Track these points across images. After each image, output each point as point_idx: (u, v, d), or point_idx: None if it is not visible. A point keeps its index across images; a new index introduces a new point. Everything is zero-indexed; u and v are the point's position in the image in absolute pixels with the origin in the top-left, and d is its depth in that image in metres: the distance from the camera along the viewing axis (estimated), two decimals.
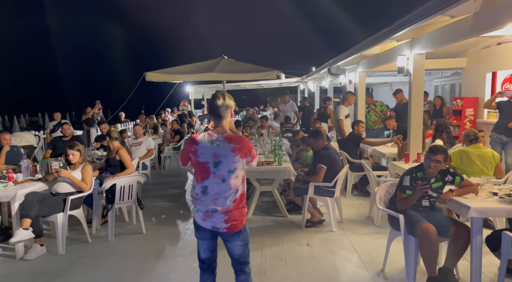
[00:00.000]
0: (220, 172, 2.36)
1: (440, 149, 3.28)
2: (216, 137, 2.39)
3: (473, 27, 3.88)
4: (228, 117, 2.45)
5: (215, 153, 2.36)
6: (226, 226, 2.38)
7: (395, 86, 14.16)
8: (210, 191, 2.37)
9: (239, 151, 2.37)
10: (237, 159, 2.36)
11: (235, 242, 2.45)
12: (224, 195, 2.37)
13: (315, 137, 4.82)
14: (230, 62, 9.16)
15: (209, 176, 2.37)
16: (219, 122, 2.44)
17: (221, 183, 2.36)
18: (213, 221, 2.39)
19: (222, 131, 2.42)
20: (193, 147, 2.40)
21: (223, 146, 2.36)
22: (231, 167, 2.36)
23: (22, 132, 8.78)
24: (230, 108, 2.44)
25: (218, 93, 2.43)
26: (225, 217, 2.37)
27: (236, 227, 2.41)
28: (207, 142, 2.38)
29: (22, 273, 3.66)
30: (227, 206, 2.37)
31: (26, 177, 4.50)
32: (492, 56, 7.73)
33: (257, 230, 4.69)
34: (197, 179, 2.43)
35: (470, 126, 7.95)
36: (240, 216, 2.42)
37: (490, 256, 3.18)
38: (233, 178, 2.38)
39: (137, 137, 7.02)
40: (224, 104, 2.39)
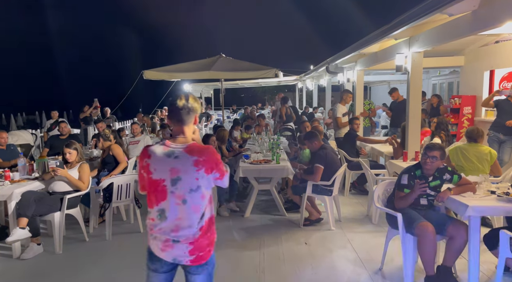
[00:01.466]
0: (179, 191, 1.90)
1: (437, 146, 3.29)
2: (174, 148, 1.92)
3: (471, 25, 3.87)
4: (191, 123, 2.00)
5: (172, 167, 1.89)
6: (191, 258, 1.94)
7: (393, 85, 14.18)
8: (169, 216, 1.92)
9: (204, 164, 1.90)
10: (200, 175, 1.90)
11: (198, 275, 2.00)
12: (188, 221, 1.92)
13: (310, 139, 4.80)
14: (228, 61, 9.14)
15: (166, 197, 1.91)
16: (180, 129, 1.98)
17: (182, 204, 1.91)
18: (174, 252, 1.93)
19: (182, 140, 1.95)
20: (144, 161, 1.94)
21: (182, 158, 1.90)
22: (193, 185, 1.90)
23: (19, 131, 8.75)
24: (194, 113, 1.99)
25: (181, 93, 2.01)
26: (190, 248, 1.93)
27: (203, 258, 1.97)
28: (161, 154, 1.92)
29: (19, 273, 3.64)
30: (192, 234, 1.92)
31: (23, 176, 4.48)
32: (490, 55, 7.73)
33: (255, 229, 4.68)
34: (151, 201, 1.96)
35: (468, 125, 7.96)
36: (207, 245, 1.98)
37: (488, 254, 3.18)
38: (197, 199, 1.93)
39: (135, 136, 7.00)
40: (187, 107, 1.94)
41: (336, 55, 8.73)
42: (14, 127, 21.54)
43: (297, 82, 18.04)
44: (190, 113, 1.98)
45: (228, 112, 18.92)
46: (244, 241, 4.33)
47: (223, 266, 3.70)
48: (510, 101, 6.11)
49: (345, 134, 6.72)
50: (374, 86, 20.76)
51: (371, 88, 21.53)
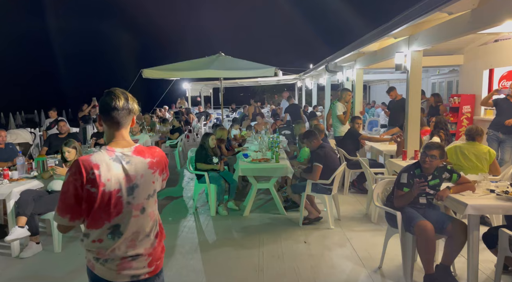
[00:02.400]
0: (136, 199, 1.70)
1: (436, 145, 3.29)
2: (122, 153, 1.69)
3: (471, 24, 3.87)
4: (129, 127, 1.77)
5: (127, 174, 1.67)
6: (150, 270, 1.77)
7: (392, 84, 14.18)
8: (125, 231, 1.68)
9: (157, 165, 1.77)
10: (156, 178, 1.77)
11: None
12: (145, 231, 1.74)
13: (309, 138, 4.81)
14: (228, 59, 9.12)
15: (122, 209, 1.67)
16: (117, 132, 1.73)
17: (140, 214, 1.71)
18: (133, 270, 1.72)
19: (125, 144, 1.73)
20: (90, 173, 1.59)
21: (136, 162, 1.70)
22: (150, 190, 1.74)
23: (18, 130, 8.72)
24: (133, 114, 1.76)
25: (116, 90, 1.73)
26: (149, 259, 1.76)
27: (159, 266, 1.83)
28: (110, 162, 1.65)
29: (18, 271, 3.63)
30: (151, 244, 1.76)
31: (22, 175, 4.47)
32: (489, 54, 7.73)
33: (255, 228, 4.68)
34: (97, 219, 1.65)
35: (467, 124, 7.97)
36: (162, 252, 1.85)
37: (487, 253, 3.19)
38: (152, 205, 1.78)
39: (134, 135, 6.99)
40: (126, 107, 1.71)
41: (336, 54, 8.73)
42: (12, 126, 21.48)
43: (296, 81, 18.03)
44: (130, 115, 1.74)
45: (227, 111, 18.91)
46: (243, 239, 4.33)
47: (222, 265, 3.70)
48: (509, 100, 6.12)
49: (346, 133, 6.72)
50: (373, 85, 20.78)
51: (370, 87, 21.55)
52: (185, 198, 6.12)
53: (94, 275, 1.76)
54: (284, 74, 12.39)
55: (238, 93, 33.08)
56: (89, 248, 1.71)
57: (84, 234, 1.71)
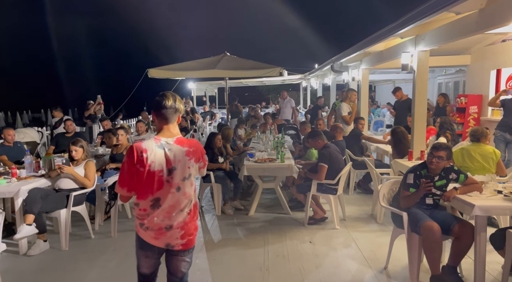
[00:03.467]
0: (175, 179, 2.10)
1: (443, 146, 3.27)
2: (166, 141, 2.11)
3: (478, 23, 3.84)
4: (175, 122, 2.18)
5: (167, 158, 2.08)
6: (183, 242, 2.16)
7: (398, 84, 14.11)
8: (163, 203, 2.10)
9: (194, 154, 2.14)
10: (191, 164, 2.14)
11: (184, 258, 2.23)
12: (180, 206, 2.12)
13: (314, 138, 4.82)
14: (233, 59, 9.13)
15: (163, 186, 2.08)
16: (165, 126, 2.15)
17: (176, 192, 2.11)
18: (168, 238, 2.14)
19: (169, 135, 2.14)
20: (140, 155, 2.04)
21: (175, 150, 2.10)
22: (185, 173, 2.12)
23: (25, 129, 8.80)
24: (179, 113, 2.17)
25: (167, 93, 2.16)
26: (181, 232, 2.14)
27: (191, 242, 2.21)
28: (156, 148, 2.08)
29: (26, 269, 3.67)
30: (183, 219, 2.14)
31: (29, 173, 4.51)
32: (497, 54, 7.67)
33: (260, 227, 4.69)
34: (144, 192, 2.10)
35: (474, 124, 7.91)
36: (195, 230, 2.22)
37: (494, 254, 3.17)
38: (188, 186, 2.14)
39: (140, 134, 7.02)
40: (174, 106, 2.13)
41: (341, 54, 8.70)
42: (20, 125, 21.70)
43: (301, 81, 18.00)
44: (176, 113, 2.16)
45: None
46: (249, 239, 4.33)
47: (227, 264, 3.71)
48: None
49: (350, 133, 6.71)
50: (379, 85, 20.68)
51: (376, 87, 21.45)
52: None
53: (140, 238, 2.20)
54: (289, 74, 12.37)
55: (243, 93, 33.12)
56: (137, 215, 2.16)
57: (135, 204, 2.16)
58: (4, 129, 5.63)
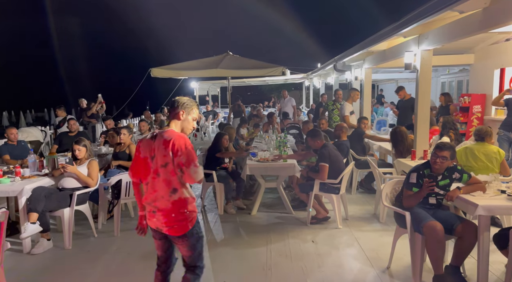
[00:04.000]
0: (155, 165, 2.36)
1: (447, 145, 3.26)
2: (157, 133, 2.42)
3: (482, 22, 3.83)
4: (180, 120, 2.45)
5: (151, 147, 2.39)
6: (168, 228, 2.35)
7: (401, 83, 14.07)
8: (150, 187, 2.39)
9: (168, 144, 2.30)
10: (167, 153, 2.30)
11: (179, 244, 2.41)
12: (161, 192, 2.34)
13: (314, 138, 4.82)
14: (235, 58, 9.14)
15: (150, 171, 2.39)
16: (171, 122, 2.47)
17: (157, 177, 2.35)
18: (155, 221, 2.39)
19: (166, 128, 2.43)
20: (138, 145, 2.48)
21: (158, 139, 2.37)
22: (162, 161, 2.32)
23: (29, 128, 8.86)
24: (188, 114, 2.45)
25: (184, 97, 2.52)
26: (165, 219, 2.34)
27: (179, 230, 2.34)
28: (148, 138, 2.44)
29: (29, 267, 3.69)
30: (165, 206, 2.33)
31: (33, 172, 4.53)
32: (501, 53, 7.63)
33: (262, 227, 4.69)
34: (142, 176, 2.45)
35: (478, 123, 7.88)
36: (182, 220, 2.34)
37: (498, 254, 3.15)
38: (167, 174, 2.32)
39: (143, 133, 7.04)
40: (183, 104, 2.43)
41: (344, 53, 8.68)
42: (23, 124, 21.80)
43: (304, 80, 17.98)
44: (175, 110, 2.44)
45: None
46: (251, 238, 4.34)
47: (230, 263, 3.72)
48: None
49: (352, 132, 6.69)
50: (382, 84, 20.63)
51: (378, 87, 21.40)
52: None
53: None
54: (291, 73, 12.38)
55: (246, 92, 33.11)
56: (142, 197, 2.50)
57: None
58: (7, 129, 5.66)
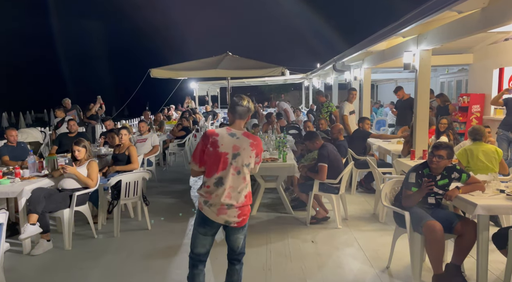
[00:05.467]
0: (237, 163, 2.50)
1: (443, 145, 3.27)
2: (235, 132, 2.55)
3: (481, 22, 3.84)
4: (245, 120, 2.62)
5: (235, 145, 2.50)
6: (238, 220, 2.54)
7: (400, 83, 14.08)
8: (225, 182, 2.48)
9: (256, 147, 2.56)
10: (253, 154, 2.54)
11: (239, 234, 2.62)
12: (238, 188, 2.51)
13: (311, 140, 4.86)
14: (235, 59, 9.14)
15: (227, 167, 2.48)
16: (237, 121, 2.59)
17: (237, 174, 2.50)
18: (227, 215, 2.52)
19: (239, 128, 2.59)
20: (213, 138, 2.51)
21: (242, 140, 2.53)
22: (247, 161, 2.52)
23: (28, 129, 8.85)
24: (250, 113, 2.62)
25: (244, 96, 2.63)
26: (239, 212, 2.53)
27: (245, 221, 2.61)
28: (226, 134, 2.53)
29: (29, 268, 3.69)
30: (241, 201, 2.53)
31: (33, 173, 4.53)
32: (499, 52, 7.65)
33: (262, 227, 4.70)
34: (211, 171, 2.51)
35: (477, 123, 7.89)
36: (248, 211, 2.63)
37: (497, 253, 3.16)
38: (247, 173, 2.55)
39: (142, 134, 7.03)
40: (248, 107, 2.58)
41: (343, 53, 8.70)
42: (23, 125, 21.78)
43: (303, 80, 17.99)
44: (248, 113, 2.61)
45: None
46: (251, 238, 4.33)
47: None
48: None
49: (354, 133, 6.69)
50: (381, 84, 20.65)
51: (378, 86, 21.42)
52: (192, 197, 6.15)
53: (202, 214, 2.56)
54: (291, 73, 12.38)
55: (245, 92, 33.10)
56: (202, 192, 2.55)
57: (203, 182, 2.57)
58: (7, 130, 5.65)
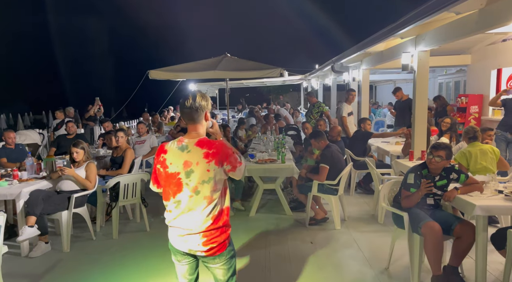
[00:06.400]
0: (193, 182, 1.99)
1: (442, 145, 3.27)
2: (187, 143, 2.03)
3: (478, 23, 3.84)
4: (202, 120, 2.08)
5: (186, 160, 2.00)
6: (204, 248, 2.02)
7: (398, 84, 14.11)
8: (183, 206, 2.02)
9: (214, 156, 1.98)
10: (211, 167, 1.98)
11: (216, 265, 2.09)
12: (199, 211, 2.00)
13: (317, 138, 4.84)
14: (233, 60, 9.14)
15: (182, 189, 2.00)
16: (192, 127, 2.08)
17: (195, 195, 2.00)
18: (189, 243, 2.03)
19: (194, 135, 2.06)
20: (161, 156, 2.06)
21: (194, 152, 2.00)
22: (205, 177, 1.99)
23: (27, 131, 8.82)
24: (203, 110, 2.06)
25: (189, 93, 2.08)
26: (203, 239, 2.01)
27: (216, 250, 2.03)
28: (176, 149, 2.04)
29: (27, 271, 3.68)
30: (205, 225, 2.01)
31: (31, 175, 4.52)
32: (497, 53, 7.67)
33: (261, 228, 4.69)
34: (167, 193, 2.07)
35: (475, 124, 7.91)
36: (221, 238, 2.04)
37: (496, 254, 3.16)
38: (209, 190, 2.00)
39: (141, 135, 7.02)
40: (194, 106, 2.03)
41: (342, 54, 8.70)
42: (21, 127, 21.72)
43: (302, 81, 18.00)
44: (199, 111, 2.05)
45: (233, 111, 18.92)
46: (250, 240, 4.33)
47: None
48: None
49: (354, 134, 6.69)
50: (379, 85, 20.68)
51: (376, 87, 21.46)
52: None
53: (169, 239, 2.14)
54: (289, 74, 12.38)
55: (244, 93, 33.10)
56: (165, 216, 2.11)
57: (165, 205, 2.11)
58: (5, 132, 5.65)
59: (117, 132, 5.28)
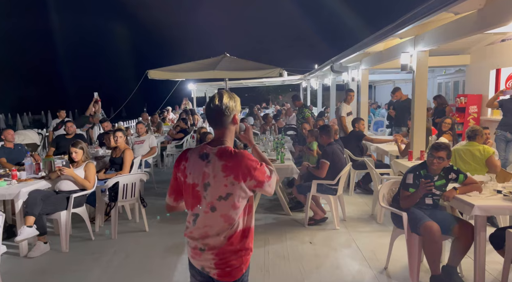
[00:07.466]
0: (209, 197, 1.73)
1: (443, 146, 3.28)
2: (209, 151, 1.76)
3: (477, 24, 3.85)
4: (229, 124, 1.79)
5: (204, 172, 1.74)
6: (217, 271, 1.76)
7: (397, 84, 14.11)
8: (198, 222, 1.78)
9: (232, 170, 1.70)
10: (229, 181, 1.70)
11: None
12: (214, 230, 1.74)
13: (326, 133, 4.93)
14: (232, 60, 9.14)
15: (201, 202, 1.76)
16: (217, 132, 1.82)
17: (210, 212, 1.74)
18: (202, 260, 1.79)
19: (218, 143, 1.78)
20: (182, 164, 1.81)
21: (214, 162, 1.73)
22: (221, 192, 1.71)
23: (25, 131, 8.83)
24: (231, 112, 1.77)
25: (216, 92, 1.81)
26: (215, 260, 1.75)
27: (230, 275, 1.76)
28: (197, 157, 1.77)
29: (26, 271, 3.68)
30: (219, 244, 1.74)
31: (30, 175, 4.52)
32: (496, 53, 7.68)
33: (260, 228, 4.69)
34: (187, 205, 1.84)
35: (474, 124, 7.92)
36: (237, 261, 1.76)
37: (494, 254, 3.17)
38: (227, 208, 1.72)
39: (140, 135, 7.02)
40: (220, 107, 1.74)
41: (341, 54, 8.70)
42: (20, 127, 21.70)
43: (301, 81, 18.00)
44: (226, 114, 1.76)
45: None
46: None
47: None
48: None
49: (349, 133, 6.71)
50: (378, 85, 20.70)
51: (375, 87, 21.47)
52: None
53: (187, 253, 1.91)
54: (289, 74, 12.38)
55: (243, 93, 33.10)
56: (186, 227, 1.86)
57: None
58: (4, 130, 5.65)
59: (115, 132, 5.27)
